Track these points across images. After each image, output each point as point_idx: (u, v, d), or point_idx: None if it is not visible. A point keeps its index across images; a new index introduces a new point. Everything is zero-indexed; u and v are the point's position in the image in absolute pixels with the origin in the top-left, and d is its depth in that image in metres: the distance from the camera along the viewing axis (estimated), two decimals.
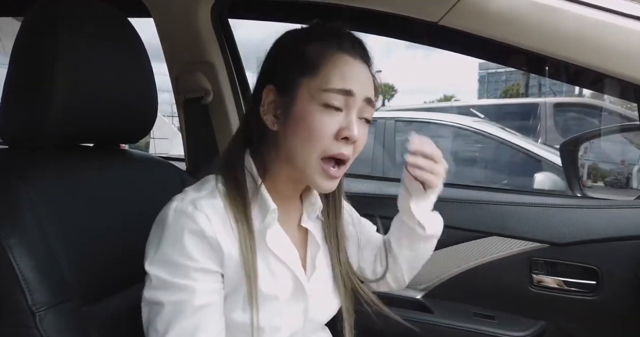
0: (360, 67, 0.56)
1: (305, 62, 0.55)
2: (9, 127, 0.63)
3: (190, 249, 0.50)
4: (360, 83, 0.55)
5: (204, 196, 0.54)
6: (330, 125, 0.53)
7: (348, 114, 0.54)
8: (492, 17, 0.72)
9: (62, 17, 0.62)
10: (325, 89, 0.53)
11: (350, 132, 0.53)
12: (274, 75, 0.58)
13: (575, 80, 0.87)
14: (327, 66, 0.54)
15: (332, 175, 0.55)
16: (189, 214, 0.51)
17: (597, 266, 0.90)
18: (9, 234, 0.51)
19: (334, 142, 0.54)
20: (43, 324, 0.51)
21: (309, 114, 0.53)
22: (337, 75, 0.53)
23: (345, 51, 0.55)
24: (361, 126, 0.56)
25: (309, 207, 0.64)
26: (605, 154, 2.28)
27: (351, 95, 0.54)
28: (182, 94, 1.12)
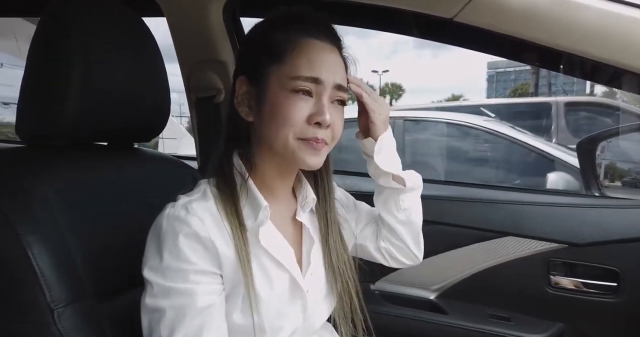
0: (327, 51, 0.56)
1: (271, 49, 0.55)
2: (26, 127, 0.64)
3: (187, 253, 0.50)
4: (328, 69, 0.55)
5: (196, 199, 0.54)
6: (302, 110, 0.54)
7: (319, 99, 0.55)
8: (509, 13, 0.71)
9: (77, 18, 0.62)
10: (294, 76, 0.53)
11: (322, 117, 0.54)
12: (244, 66, 0.59)
13: (593, 76, 0.85)
14: (293, 52, 0.54)
15: (314, 148, 0.55)
16: (181, 218, 0.51)
17: (618, 267, 0.88)
18: (28, 232, 0.52)
19: (307, 126, 0.54)
20: (61, 321, 0.51)
21: (281, 101, 0.54)
22: (304, 62, 0.54)
23: (311, 35, 0.55)
24: (335, 110, 0.56)
25: (302, 201, 0.64)
26: (623, 153, 2.24)
27: (320, 83, 0.54)
28: (194, 93, 1.12)
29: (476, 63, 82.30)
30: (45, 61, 0.62)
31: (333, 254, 0.64)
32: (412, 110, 3.72)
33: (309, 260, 0.62)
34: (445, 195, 1.07)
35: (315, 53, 0.54)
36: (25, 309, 0.51)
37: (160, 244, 0.51)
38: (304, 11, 0.57)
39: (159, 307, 0.50)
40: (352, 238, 0.72)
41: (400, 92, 50.55)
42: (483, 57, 43.31)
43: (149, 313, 0.51)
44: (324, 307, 0.64)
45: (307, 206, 0.64)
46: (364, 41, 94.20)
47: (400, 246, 0.72)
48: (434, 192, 1.09)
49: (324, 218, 0.65)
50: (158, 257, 0.51)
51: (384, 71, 39.82)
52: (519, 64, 6.40)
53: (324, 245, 0.64)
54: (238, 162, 0.59)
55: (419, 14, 0.80)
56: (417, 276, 1.06)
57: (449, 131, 2.94)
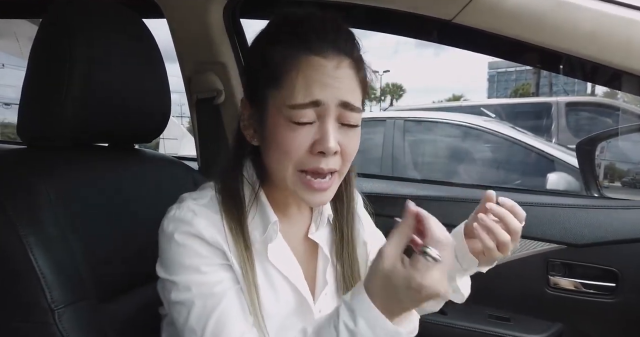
0: (331, 68, 0.48)
1: (268, 71, 0.50)
2: (27, 127, 0.64)
3: (198, 250, 0.50)
4: (330, 87, 0.48)
5: (204, 206, 0.53)
6: (302, 141, 0.48)
7: (322, 124, 0.48)
8: (507, 15, 0.71)
9: (78, 19, 0.62)
10: (291, 105, 0.48)
11: (325, 146, 0.48)
12: (247, 87, 0.55)
13: (592, 77, 0.85)
14: (290, 75, 0.48)
15: (317, 187, 0.50)
16: (188, 220, 0.51)
17: (617, 267, 0.88)
18: (29, 233, 0.52)
19: (309, 156, 0.49)
20: (62, 322, 0.52)
21: (279, 130, 0.49)
22: (301, 85, 0.47)
23: (311, 51, 0.48)
24: (344, 133, 0.50)
25: (317, 217, 0.60)
26: (623, 154, 2.24)
27: (319, 105, 0.48)
28: (195, 94, 1.13)
29: (477, 63, 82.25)
30: (46, 62, 0.62)
31: (346, 272, 0.60)
32: (412, 111, 3.72)
33: (325, 280, 0.59)
34: (443, 196, 1.07)
35: (314, 72, 0.48)
36: (26, 309, 0.51)
37: (170, 245, 0.51)
38: (307, 18, 0.50)
39: (184, 301, 0.50)
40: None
41: (400, 92, 50.56)
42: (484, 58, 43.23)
43: (177, 309, 0.51)
44: None
45: (321, 224, 0.60)
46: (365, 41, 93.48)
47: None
48: (433, 193, 1.10)
49: (339, 233, 0.61)
50: (171, 258, 0.51)
51: (384, 71, 39.79)
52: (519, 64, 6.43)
53: (337, 262, 0.61)
54: (250, 173, 0.56)
55: (418, 15, 0.81)
56: None
57: (449, 132, 2.94)
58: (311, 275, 0.59)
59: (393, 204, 1.08)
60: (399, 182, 1.20)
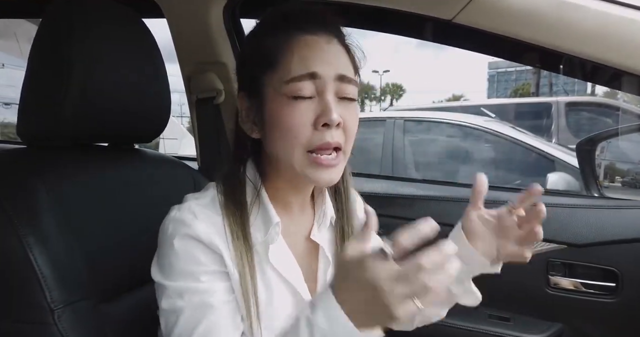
0: (323, 44, 0.50)
1: (262, 57, 0.51)
2: (27, 127, 0.64)
3: (196, 255, 0.50)
4: (325, 61, 0.49)
5: (205, 206, 0.52)
6: (305, 116, 0.49)
7: (322, 98, 0.49)
8: (508, 14, 0.71)
9: (78, 19, 0.62)
10: (288, 79, 0.48)
11: (329, 117, 0.48)
12: (242, 81, 0.55)
13: (593, 77, 0.85)
14: (285, 54, 0.49)
15: (325, 164, 0.50)
16: (187, 222, 0.50)
17: (617, 267, 0.88)
18: (28, 233, 0.52)
19: (315, 132, 0.49)
20: (61, 321, 0.51)
21: (280, 109, 0.49)
22: (296, 60, 0.49)
23: (302, 30, 0.50)
24: (344, 107, 0.50)
25: (320, 218, 0.60)
26: (623, 154, 2.24)
27: (317, 77, 0.49)
28: (194, 94, 1.12)
29: (477, 63, 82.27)
30: (46, 62, 0.62)
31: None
32: (412, 111, 3.72)
33: (326, 281, 0.58)
34: (444, 195, 1.07)
35: (307, 48, 0.49)
36: (26, 309, 0.51)
37: (168, 247, 0.50)
38: (292, 6, 0.53)
39: (174, 309, 0.49)
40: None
41: (400, 92, 50.55)
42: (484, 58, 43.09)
43: (165, 315, 0.50)
44: None
45: (323, 225, 0.60)
46: (365, 41, 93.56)
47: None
48: (433, 193, 1.10)
49: (340, 233, 0.61)
50: (167, 260, 0.50)
51: (384, 71, 39.83)
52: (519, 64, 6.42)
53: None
54: (252, 173, 0.55)
55: (418, 15, 0.81)
56: None
57: (449, 132, 2.94)
58: (312, 276, 0.59)
59: (393, 204, 1.08)
60: (398, 182, 1.20)
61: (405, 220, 1.19)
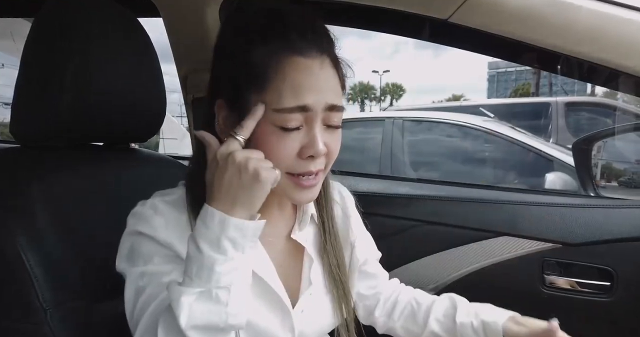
0: (316, 67, 0.48)
1: (251, 72, 0.48)
2: (21, 127, 0.64)
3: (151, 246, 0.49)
4: (317, 91, 0.47)
5: (168, 202, 0.52)
6: (291, 147, 0.48)
7: (309, 129, 0.48)
8: (503, 14, 0.71)
9: (72, 17, 0.62)
10: (278, 109, 0.47)
11: (315, 150, 0.48)
12: (221, 87, 0.51)
13: (590, 77, 0.85)
14: (276, 77, 0.47)
15: (305, 185, 0.50)
16: (146, 217, 0.50)
17: (612, 266, 0.88)
18: (21, 233, 0.52)
19: (298, 161, 0.49)
20: (53, 321, 0.51)
21: (266, 137, 0.48)
22: (288, 89, 0.47)
23: (294, 50, 0.47)
24: (329, 135, 0.50)
25: (300, 216, 0.60)
26: (620, 153, 2.24)
27: (308, 110, 0.47)
28: (191, 93, 1.13)
29: (477, 63, 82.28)
30: (40, 61, 0.62)
31: (334, 269, 0.60)
32: (411, 111, 3.72)
33: (309, 280, 0.58)
34: (440, 195, 1.07)
35: (300, 74, 0.47)
36: (18, 309, 0.51)
37: (128, 241, 0.51)
38: (286, 13, 0.49)
39: (137, 291, 0.48)
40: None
41: (400, 92, 50.53)
42: (484, 58, 43.14)
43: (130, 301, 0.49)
44: (324, 326, 0.61)
45: (304, 223, 0.60)
46: (365, 41, 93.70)
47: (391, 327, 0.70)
48: (429, 192, 1.10)
49: (322, 228, 0.61)
50: (128, 253, 0.50)
51: (384, 71, 39.82)
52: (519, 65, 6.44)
53: (323, 259, 0.60)
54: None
55: (414, 14, 0.81)
56: (413, 276, 1.06)
57: (448, 131, 2.94)
58: (297, 274, 0.59)
59: (389, 204, 1.08)
60: (395, 181, 1.20)
61: (402, 219, 1.19)
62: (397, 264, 1.05)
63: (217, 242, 0.43)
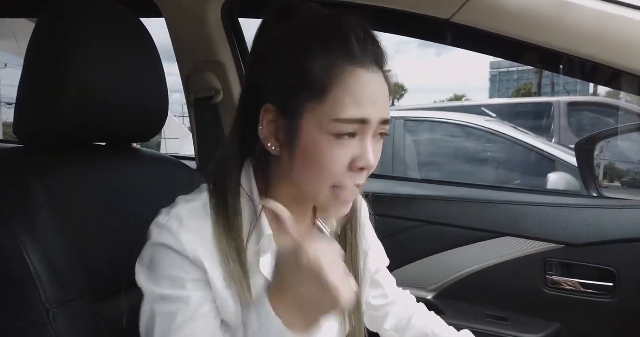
0: (374, 81, 0.47)
1: (309, 81, 0.46)
2: (24, 127, 0.64)
3: (179, 264, 0.48)
4: (376, 105, 0.47)
5: (193, 211, 0.50)
6: (343, 157, 0.47)
7: (363, 139, 0.48)
8: (505, 14, 0.71)
9: (75, 18, 0.62)
10: (337, 119, 0.45)
11: (367, 162, 0.47)
12: (270, 90, 0.49)
13: (593, 77, 0.85)
14: (337, 89, 0.45)
15: (347, 199, 0.50)
16: (173, 232, 0.48)
17: (614, 267, 0.88)
18: (23, 232, 0.52)
19: (348, 173, 0.48)
20: (56, 321, 0.51)
21: (318, 146, 0.47)
22: (349, 100, 0.45)
23: (355, 62, 0.46)
24: (376, 145, 0.50)
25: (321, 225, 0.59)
26: (623, 153, 2.24)
27: (367, 123, 0.47)
28: (193, 94, 1.13)
29: (479, 63, 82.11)
30: (43, 61, 0.62)
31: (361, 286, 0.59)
32: (413, 111, 3.72)
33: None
34: (442, 195, 1.07)
35: (361, 87, 0.46)
36: (21, 309, 0.51)
37: (152, 252, 0.50)
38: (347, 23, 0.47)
39: (153, 314, 0.48)
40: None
41: (402, 92, 50.43)
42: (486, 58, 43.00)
43: (145, 319, 0.49)
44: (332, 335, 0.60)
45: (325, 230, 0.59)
46: None
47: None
48: (430, 192, 1.09)
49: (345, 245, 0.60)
50: (151, 265, 0.49)
51: (387, 71, 39.62)
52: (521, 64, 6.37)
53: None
54: (248, 181, 0.53)
55: (416, 14, 0.81)
56: (415, 276, 1.06)
57: (450, 131, 2.93)
58: None
59: (391, 204, 1.08)
60: (397, 181, 1.20)
61: (404, 220, 1.19)
62: (399, 264, 1.05)
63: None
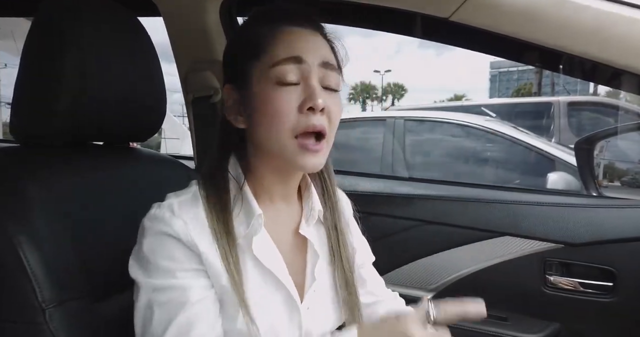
0: (309, 35, 0.53)
1: (250, 45, 0.53)
2: (21, 126, 0.64)
3: (172, 252, 0.50)
4: (310, 49, 0.52)
5: (184, 201, 0.52)
6: (291, 100, 0.50)
7: (307, 84, 0.51)
8: (504, 12, 0.71)
9: (72, 17, 0.62)
10: (273, 63, 0.50)
11: (314, 101, 0.49)
12: (228, 73, 0.57)
13: (593, 76, 0.85)
14: (274, 42, 0.51)
15: (312, 149, 0.51)
16: (165, 220, 0.50)
17: (614, 266, 0.88)
18: (19, 232, 0.52)
19: (300, 116, 0.50)
20: (53, 321, 0.51)
21: (266, 95, 0.50)
22: (281, 46, 0.51)
23: (291, 23, 0.52)
24: (328, 95, 0.52)
25: (308, 212, 0.60)
26: (622, 153, 2.23)
27: (302, 62, 0.51)
28: (191, 93, 1.12)
29: (479, 63, 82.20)
30: (39, 60, 0.62)
31: (346, 268, 0.61)
32: (413, 110, 3.72)
33: (314, 276, 0.58)
34: (442, 195, 1.07)
35: (295, 36, 0.52)
36: (17, 309, 0.51)
37: (144, 244, 0.51)
38: (280, 4, 0.56)
39: (150, 305, 0.50)
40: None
41: (402, 91, 50.47)
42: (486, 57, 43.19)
43: (141, 312, 0.51)
44: (328, 324, 0.60)
45: (312, 219, 0.60)
46: (367, 41, 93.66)
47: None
48: (430, 192, 1.09)
49: (334, 230, 0.62)
50: (144, 257, 0.51)
51: (386, 71, 39.75)
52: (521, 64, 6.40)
53: (335, 258, 0.61)
54: (234, 168, 0.56)
55: (415, 13, 0.80)
56: (414, 276, 1.06)
57: (450, 131, 2.93)
58: (301, 270, 0.59)
59: (390, 203, 1.08)
60: (396, 181, 1.20)
61: (403, 219, 1.19)
62: (397, 264, 1.04)
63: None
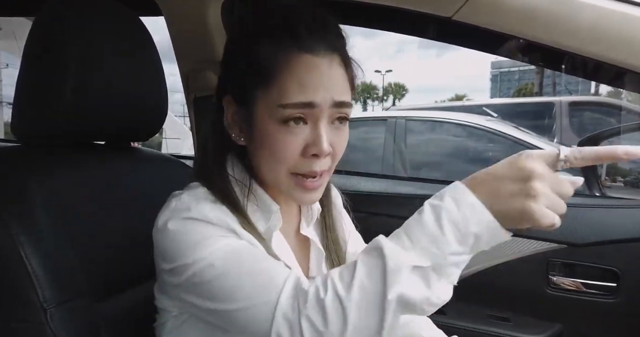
0: (323, 65, 0.47)
1: (256, 69, 0.47)
2: (23, 126, 0.64)
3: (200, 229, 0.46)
4: (325, 88, 0.47)
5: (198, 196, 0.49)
6: (294, 144, 0.47)
7: (315, 126, 0.47)
8: (507, 11, 0.70)
9: (73, 16, 0.62)
10: (282, 104, 0.46)
11: (319, 148, 0.47)
12: (229, 83, 0.52)
13: (595, 76, 0.85)
14: (282, 74, 0.46)
15: (309, 188, 0.50)
16: (192, 207, 0.47)
17: (617, 267, 0.87)
18: (20, 232, 0.52)
19: (302, 160, 0.48)
20: (54, 321, 0.51)
21: (270, 133, 0.47)
22: (294, 85, 0.46)
23: (302, 48, 0.46)
24: (335, 131, 0.49)
25: (307, 212, 0.60)
26: None
27: (314, 107, 0.46)
28: (192, 93, 1.12)
29: (480, 63, 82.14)
30: (41, 60, 0.62)
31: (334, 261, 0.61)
32: (414, 110, 3.72)
33: (322, 272, 0.58)
34: None
35: (307, 72, 0.46)
36: (18, 309, 0.51)
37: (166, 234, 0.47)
38: (296, 10, 0.49)
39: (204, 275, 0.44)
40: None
41: (403, 91, 50.46)
42: (487, 57, 43.05)
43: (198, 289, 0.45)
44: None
45: (311, 219, 0.60)
46: (368, 41, 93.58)
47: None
48: (431, 192, 1.09)
49: (330, 229, 0.62)
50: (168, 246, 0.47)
51: (387, 71, 39.80)
52: (523, 64, 6.40)
53: (331, 256, 0.61)
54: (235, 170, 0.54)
55: (417, 12, 0.80)
56: None
57: (451, 131, 2.93)
58: (304, 270, 0.59)
59: (391, 203, 1.08)
60: (397, 181, 1.19)
61: (404, 219, 1.19)
62: None
63: (464, 233, 0.40)
